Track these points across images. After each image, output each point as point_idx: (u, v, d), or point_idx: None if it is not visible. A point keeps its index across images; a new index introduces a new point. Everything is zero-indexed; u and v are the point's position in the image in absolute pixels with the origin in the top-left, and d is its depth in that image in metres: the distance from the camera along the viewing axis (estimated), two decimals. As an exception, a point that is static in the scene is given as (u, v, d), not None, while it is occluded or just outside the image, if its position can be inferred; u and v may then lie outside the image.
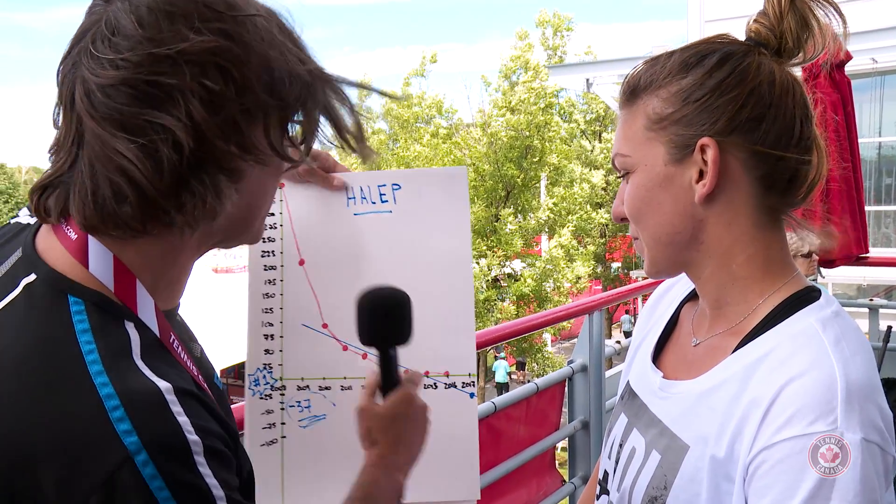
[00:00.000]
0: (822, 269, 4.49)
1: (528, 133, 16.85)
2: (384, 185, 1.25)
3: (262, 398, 1.23)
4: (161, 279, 0.74)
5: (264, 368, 1.23)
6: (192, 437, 0.64)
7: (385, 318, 0.99)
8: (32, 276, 0.69)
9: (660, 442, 0.91)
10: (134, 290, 0.70)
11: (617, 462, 0.99)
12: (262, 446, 1.23)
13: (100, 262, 0.69)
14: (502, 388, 15.52)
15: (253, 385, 1.23)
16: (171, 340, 0.73)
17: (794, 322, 0.84)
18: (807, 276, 0.93)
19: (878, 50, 8.06)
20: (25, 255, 0.72)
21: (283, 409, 1.24)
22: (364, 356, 1.23)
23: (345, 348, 1.24)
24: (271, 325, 1.24)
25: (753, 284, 0.89)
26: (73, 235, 0.70)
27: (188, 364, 0.75)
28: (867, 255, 4.39)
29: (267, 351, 1.24)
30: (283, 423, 1.24)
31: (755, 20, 0.89)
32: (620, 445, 1.00)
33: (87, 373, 0.64)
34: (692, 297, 1.04)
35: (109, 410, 0.62)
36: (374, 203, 1.25)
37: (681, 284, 1.09)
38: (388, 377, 1.00)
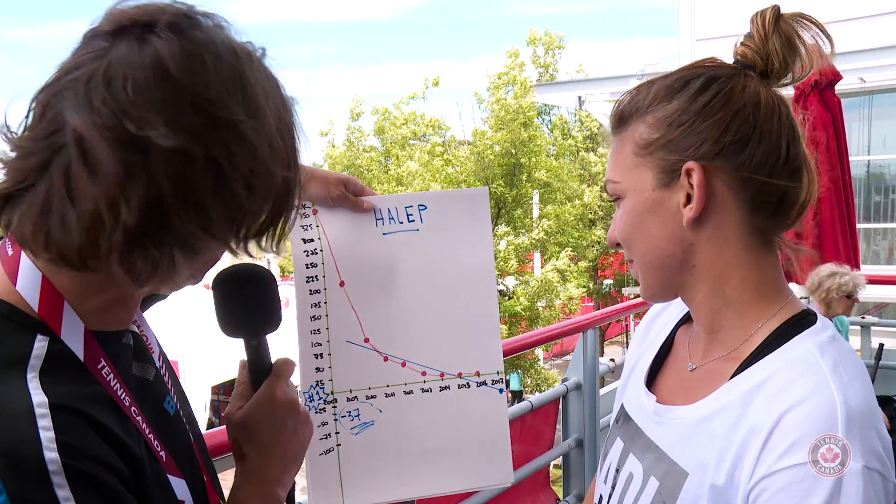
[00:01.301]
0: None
1: (513, 151, 16.91)
2: (411, 206, 1.36)
3: (317, 412, 1.34)
4: (94, 305, 0.73)
5: (317, 385, 1.34)
6: (51, 454, 0.61)
7: (244, 302, 0.89)
8: None
9: (658, 468, 0.90)
10: (60, 312, 0.70)
11: (613, 487, 0.98)
12: (321, 455, 1.34)
13: (27, 281, 0.70)
14: (517, 396, 16.14)
15: (308, 401, 1.34)
16: (98, 366, 0.71)
17: (792, 347, 0.84)
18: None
19: (866, 70, 8.17)
20: None
21: (335, 420, 1.35)
22: (403, 364, 1.36)
23: (385, 359, 1.36)
24: (319, 344, 1.34)
25: (748, 308, 0.89)
26: (10, 251, 0.71)
27: (113, 386, 0.72)
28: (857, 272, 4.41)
29: (318, 369, 1.34)
30: (337, 433, 1.35)
31: (742, 43, 0.90)
32: (617, 471, 0.98)
33: None
34: (687, 319, 1.04)
35: None
36: (401, 223, 1.36)
37: (674, 306, 1.08)
38: (255, 373, 0.90)
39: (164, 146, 0.64)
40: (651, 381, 1.02)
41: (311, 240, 1.34)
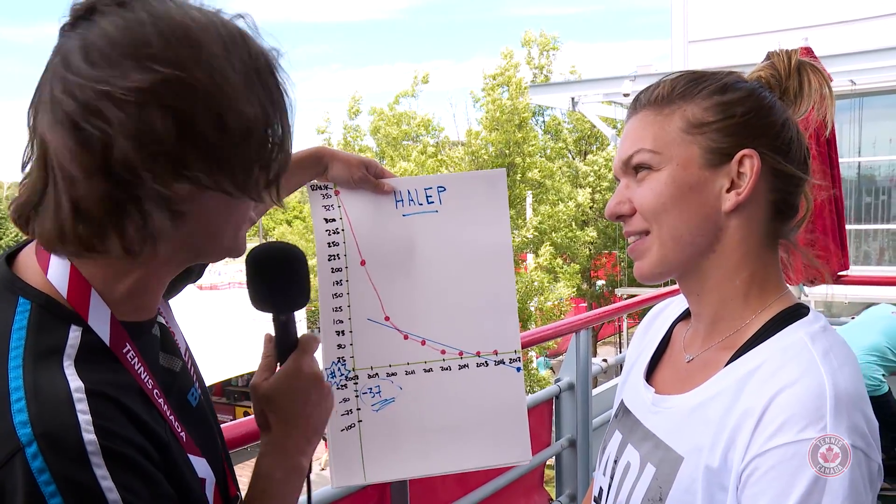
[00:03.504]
0: (804, 287, 4.53)
1: (507, 151, 16.91)
2: (430, 188, 1.39)
3: (338, 388, 1.36)
4: (120, 292, 0.76)
5: (339, 362, 1.37)
6: (90, 436, 0.65)
7: (273, 279, 0.92)
8: None
9: (654, 455, 0.93)
10: (88, 298, 0.74)
11: (612, 478, 1.00)
12: (342, 431, 1.37)
13: (57, 270, 0.74)
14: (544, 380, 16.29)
15: (330, 378, 1.36)
16: (124, 350, 0.75)
17: (784, 336, 0.88)
18: None
19: (856, 72, 8.23)
20: None
21: (357, 396, 1.37)
22: (423, 342, 1.39)
23: (405, 337, 1.38)
24: (341, 322, 1.37)
25: (750, 301, 0.93)
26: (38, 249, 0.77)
27: (140, 374, 0.76)
28: (847, 272, 4.44)
29: (339, 346, 1.37)
30: (358, 409, 1.38)
31: (764, 69, 0.97)
32: (615, 461, 1.01)
33: (6, 368, 0.67)
34: (684, 317, 1.08)
35: (12, 402, 0.65)
36: (420, 204, 1.38)
37: (674, 306, 1.13)
38: (282, 347, 0.92)
39: (115, 112, 0.67)
40: (650, 375, 1.05)
41: (333, 220, 1.37)
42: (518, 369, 1.41)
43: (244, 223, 0.81)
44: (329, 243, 1.36)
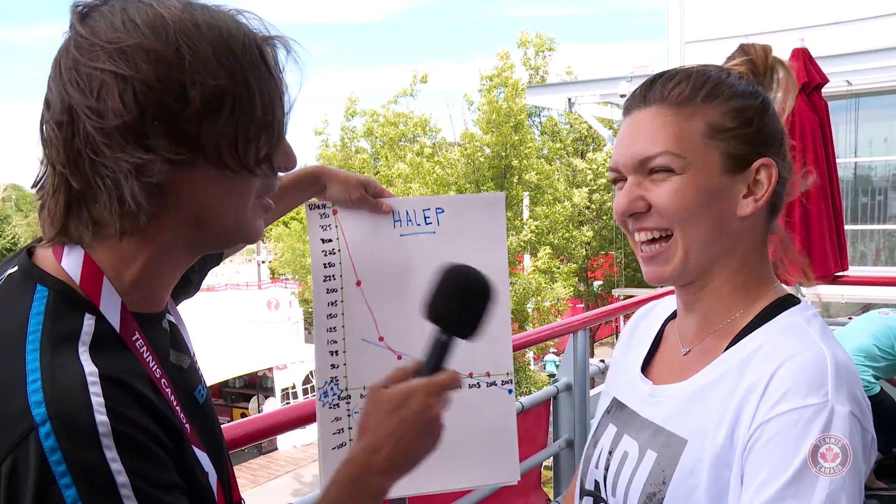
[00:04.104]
0: (801, 287, 4.53)
1: (503, 153, 16.91)
2: (428, 209, 1.39)
3: (330, 408, 1.38)
4: (130, 280, 0.78)
5: (331, 381, 1.38)
6: (101, 417, 0.65)
7: (468, 303, 0.89)
8: (14, 269, 0.78)
9: (655, 441, 0.94)
10: (100, 285, 0.76)
11: (607, 469, 1.00)
12: (334, 449, 1.38)
13: (71, 258, 0.76)
14: (552, 377, 16.21)
15: (322, 396, 1.37)
16: (133, 338, 0.76)
17: (781, 320, 0.92)
18: None
19: (852, 73, 8.24)
20: (19, 254, 0.80)
21: (349, 415, 1.39)
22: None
23: (399, 357, 1.38)
24: (335, 342, 1.38)
25: (746, 294, 0.96)
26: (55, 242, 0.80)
27: (149, 363, 0.77)
28: (845, 273, 4.45)
29: (333, 365, 1.38)
30: (350, 428, 1.39)
31: (743, 63, 1.00)
32: (610, 453, 1.01)
33: (24, 350, 0.69)
34: (673, 315, 1.09)
35: (28, 383, 0.66)
36: (419, 225, 1.39)
37: (661, 307, 1.14)
38: (427, 364, 0.87)
39: (79, 88, 0.71)
40: (645, 371, 1.06)
41: (330, 240, 1.38)
42: (510, 391, 1.42)
43: (246, 204, 0.80)
44: (325, 264, 1.37)
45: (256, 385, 19.79)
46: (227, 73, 0.73)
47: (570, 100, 11.18)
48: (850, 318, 5.10)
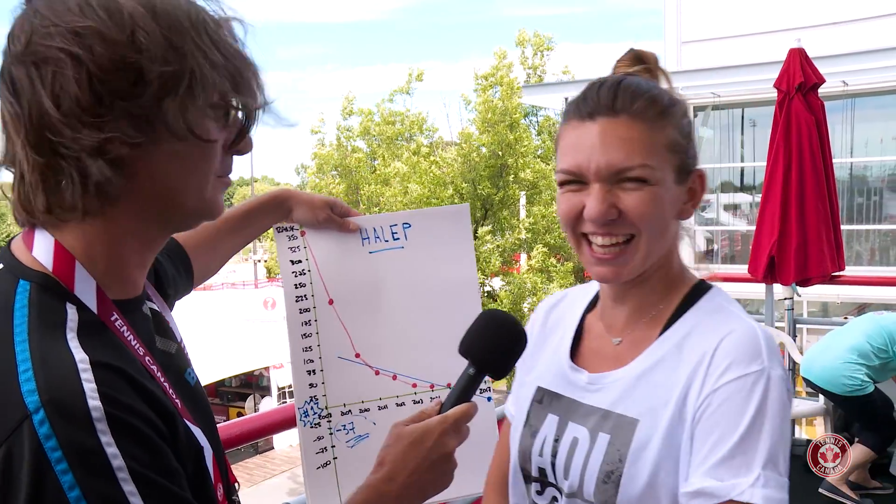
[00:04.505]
0: (798, 287, 4.55)
1: (500, 153, 16.91)
2: (395, 225, 1.41)
3: (312, 427, 1.38)
4: (101, 262, 0.78)
5: (311, 401, 1.39)
6: (94, 402, 0.66)
7: (505, 346, 0.97)
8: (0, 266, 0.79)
9: (605, 425, 1.01)
10: (72, 269, 0.76)
11: (555, 455, 1.05)
12: (318, 469, 1.38)
13: (41, 245, 0.77)
14: None
15: (303, 417, 1.38)
16: (112, 318, 0.77)
17: (704, 304, 1.04)
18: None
19: (848, 73, 8.27)
20: (2, 250, 0.81)
21: (331, 433, 1.39)
22: (394, 377, 1.40)
23: (377, 373, 1.40)
24: (312, 361, 1.39)
25: (668, 284, 1.06)
26: (26, 228, 0.81)
27: (135, 347, 0.78)
28: (842, 272, 4.46)
29: (311, 385, 1.39)
30: (333, 446, 1.39)
31: (641, 71, 1.08)
32: (556, 441, 1.05)
33: (12, 342, 0.70)
34: (592, 306, 1.16)
35: (20, 373, 0.67)
36: (386, 241, 1.41)
37: (570, 299, 1.21)
38: (453, 395, 0.95)
39: (31, 70, 0.71)
40: (573, 361, 1.11)
41: (300, 261, 1.39)
42: (489, 399, 1.44)
43: (207, 180, 0.81)
44: (296, 284, 1.38)
45: (253, 384, 19.76)
46: (183, 55, 0.74)
47: (566, 99, 11.16)
48: (846, 318, 5.12)
